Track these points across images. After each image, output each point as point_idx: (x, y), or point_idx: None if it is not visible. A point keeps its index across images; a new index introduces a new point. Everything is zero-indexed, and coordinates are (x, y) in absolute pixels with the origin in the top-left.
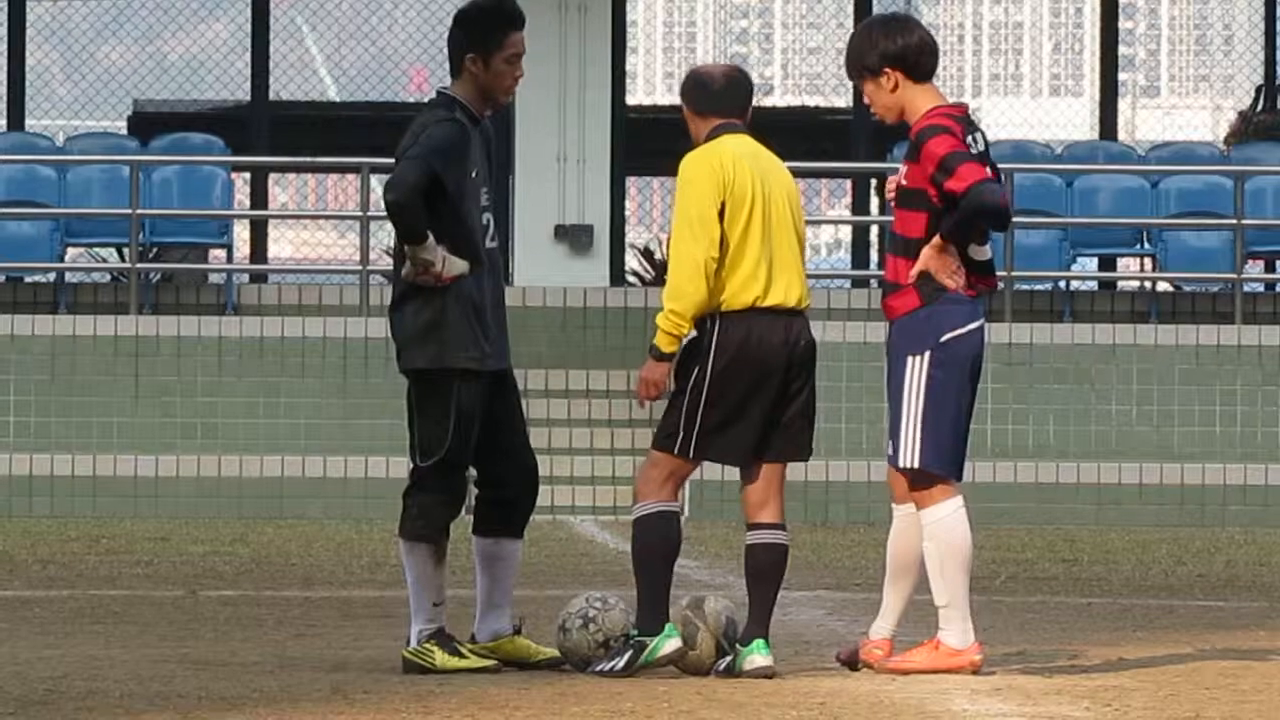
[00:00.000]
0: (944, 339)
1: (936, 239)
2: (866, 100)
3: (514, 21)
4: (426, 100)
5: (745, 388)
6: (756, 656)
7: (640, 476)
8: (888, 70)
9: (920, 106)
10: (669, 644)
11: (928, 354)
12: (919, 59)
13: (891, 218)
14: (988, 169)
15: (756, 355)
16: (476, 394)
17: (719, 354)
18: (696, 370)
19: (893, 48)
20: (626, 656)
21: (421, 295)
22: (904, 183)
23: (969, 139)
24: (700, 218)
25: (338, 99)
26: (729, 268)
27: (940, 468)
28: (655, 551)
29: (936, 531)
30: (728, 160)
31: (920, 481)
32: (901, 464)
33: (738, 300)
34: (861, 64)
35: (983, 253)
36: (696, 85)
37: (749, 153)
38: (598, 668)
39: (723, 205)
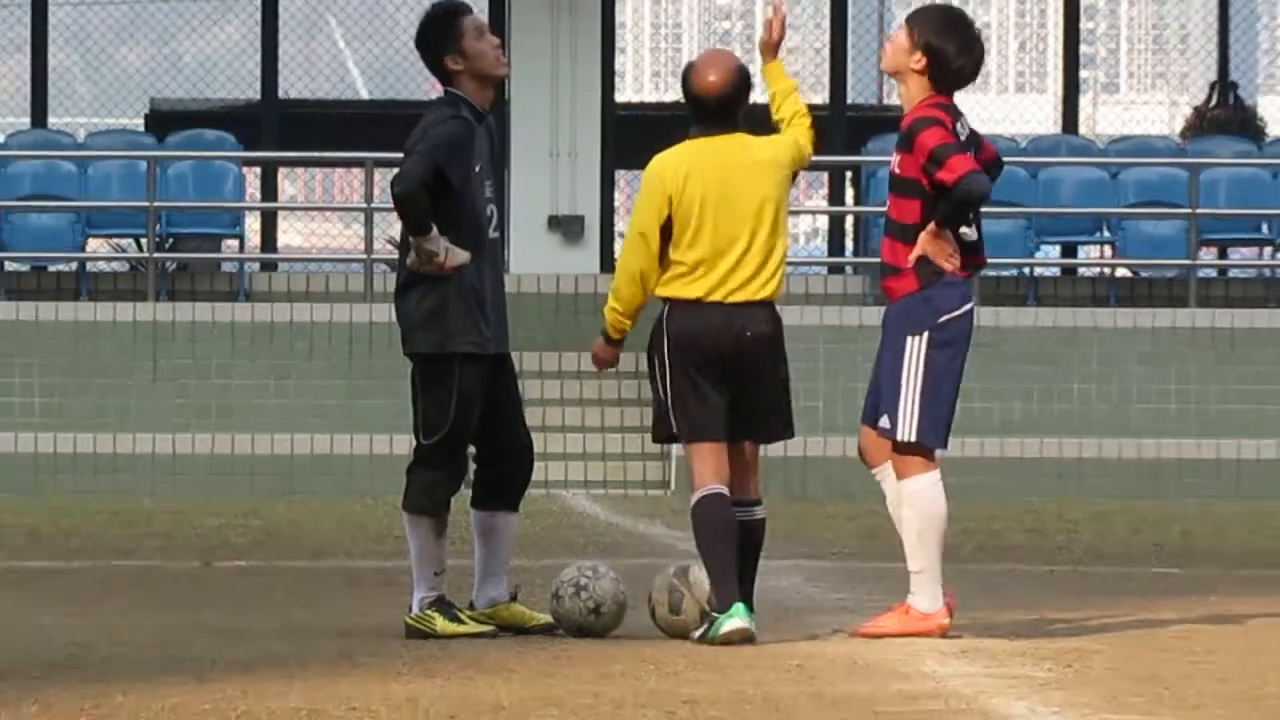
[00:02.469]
0: (941, 320)
1: (933, 225)
2: (887, 39)
3: (459, 11)
4: (433, 99)
5: (697, 373)
6: (736, 619)
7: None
8: (922, 55)
9: (915, 97)
10: (729, 624)
11: (927, 334)
12: (955, 75)
13: (867, 207)
14: (971, 153)
15: (701, 343)
16: (477, 377)
17: (669, 342)
18: (657, 360)
19: (945, 48)
20: (702, 629)
21: (425, 283)
22: (897, 171)
23: (958, 126)
24: (642, 234)
25: (367, 97)
26: (674, 270)
27: (935, 441)
28: (709, 534)
29: (916, 501)
30: (681, 172)
31: (908, 451)
32: (900, 437)
33: (684, 294)
34: (917, 29)
35: (970, 234)
36: (693, 94)
37: (707, 156)
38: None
39: (670, 218)
